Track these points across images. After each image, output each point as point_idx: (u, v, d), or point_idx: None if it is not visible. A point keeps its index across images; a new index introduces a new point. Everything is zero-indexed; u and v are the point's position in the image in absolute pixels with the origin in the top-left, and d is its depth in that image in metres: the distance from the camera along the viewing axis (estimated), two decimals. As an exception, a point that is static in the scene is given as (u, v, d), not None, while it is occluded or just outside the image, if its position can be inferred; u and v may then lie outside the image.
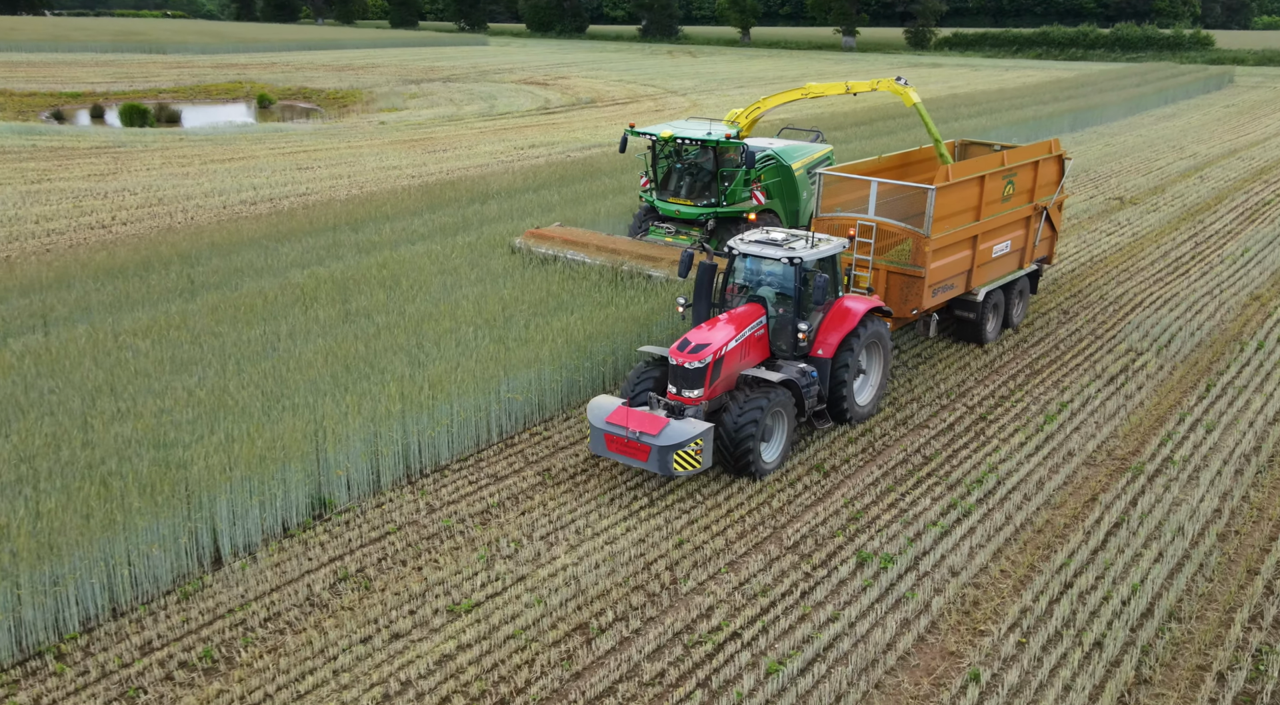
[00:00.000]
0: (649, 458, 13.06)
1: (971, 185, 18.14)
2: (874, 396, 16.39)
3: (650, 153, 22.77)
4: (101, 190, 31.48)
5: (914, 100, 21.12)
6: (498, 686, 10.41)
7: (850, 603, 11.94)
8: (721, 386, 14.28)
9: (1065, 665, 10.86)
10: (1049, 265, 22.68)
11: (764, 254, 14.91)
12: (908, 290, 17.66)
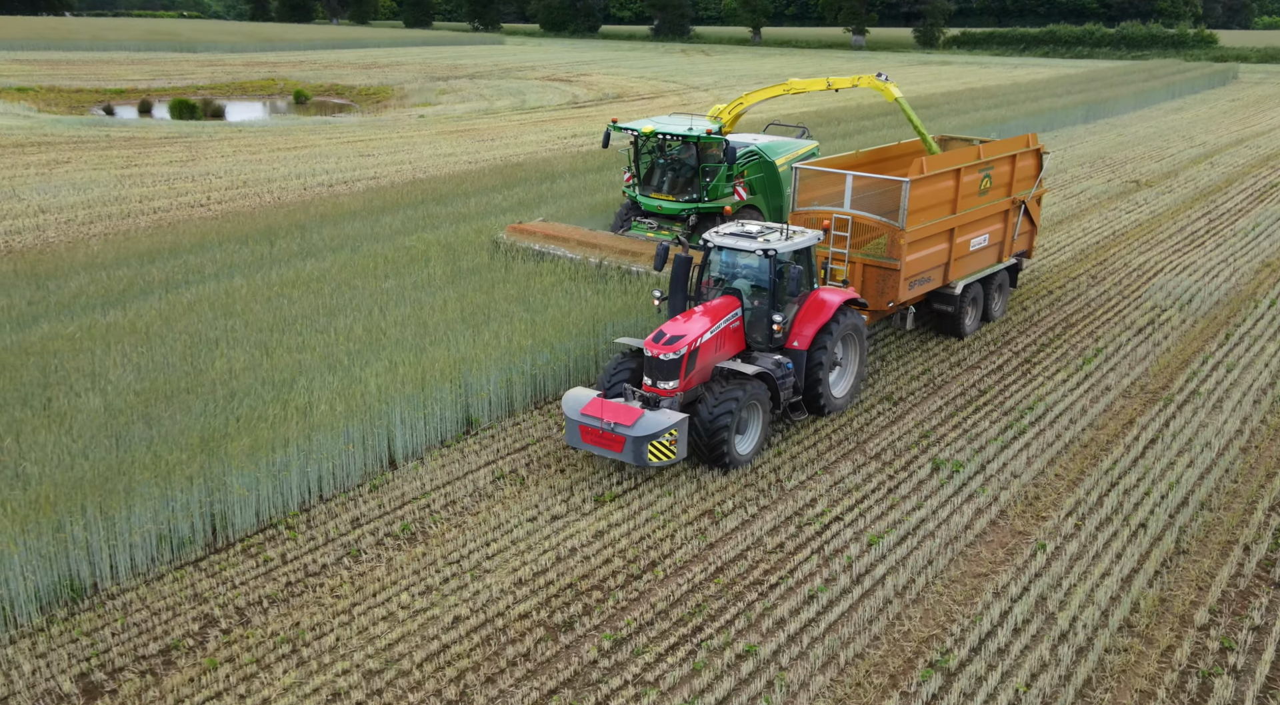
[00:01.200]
0: (623, 449, 13.12)
1: (947, 178, 18.09)
2: (850, 388, 16.42)
3: (633, 148, 22.70)
4: (188, 174, 33.73)
5: (895, 95, 21.24)
6: (647, 553, 12.60)
7: (930, 496, 14.13)
8: (697, 378, 14.28)
9: (1116, 540, 13.04)
10: (1029, 259, 22.67)
11: (738, 246, 14.89)
12: (884, 283, 17.61)
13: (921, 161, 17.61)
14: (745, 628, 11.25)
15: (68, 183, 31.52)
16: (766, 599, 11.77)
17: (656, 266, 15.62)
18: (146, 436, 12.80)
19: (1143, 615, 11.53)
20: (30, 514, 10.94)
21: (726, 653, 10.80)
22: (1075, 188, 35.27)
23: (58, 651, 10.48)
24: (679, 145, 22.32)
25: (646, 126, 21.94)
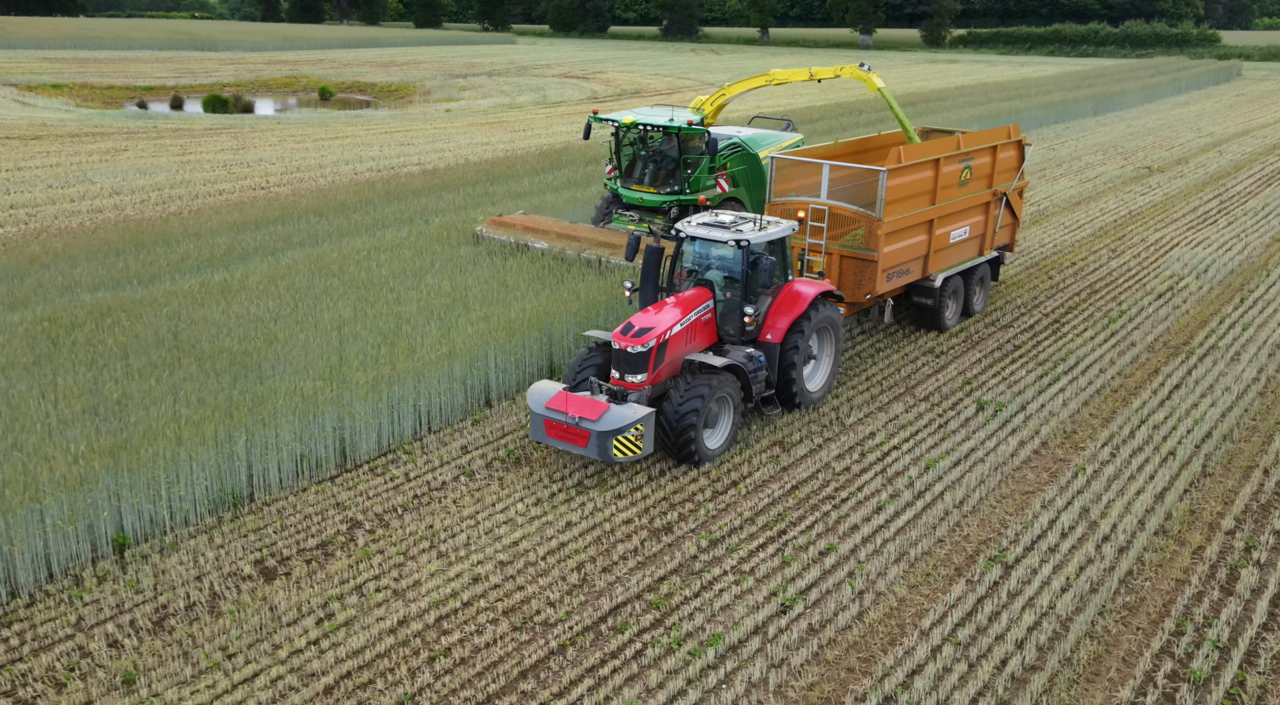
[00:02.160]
0: (588, 443, 12.75)
1: (925, 169, 17.83)
2: (825, 382, 16.09)
3: (614, 140, 22.41)
4: (242, 161, 35.26)
5: (878, 85, 21.07)
6: (728, 474, 14.07)
7: (977, 431, 15.61)
8: (666, 371, 13.90)
9: (1148, 465, 14.51)
10: (1011, 253, 22.29)
11: (711, 237, 14.49)
12: (861, 275, 17.29)
13: (899, 151, 17.30)
14: (824, 531, 12.73)
15: (132, 168, 33.06)
16: (840, 509, 13.25)
17: (628, 257, 15.16)
18: (278, 371, 14.28)
19: (1175, 523, 13.00)
20: (195, 434, 12.42)
21: (810, 549, 12.28)
22: (1090, 173, 36.74)
23: (233, 544, 11.98)
24: (661, 137, 21.90)
25: (627, 117, 21.74)
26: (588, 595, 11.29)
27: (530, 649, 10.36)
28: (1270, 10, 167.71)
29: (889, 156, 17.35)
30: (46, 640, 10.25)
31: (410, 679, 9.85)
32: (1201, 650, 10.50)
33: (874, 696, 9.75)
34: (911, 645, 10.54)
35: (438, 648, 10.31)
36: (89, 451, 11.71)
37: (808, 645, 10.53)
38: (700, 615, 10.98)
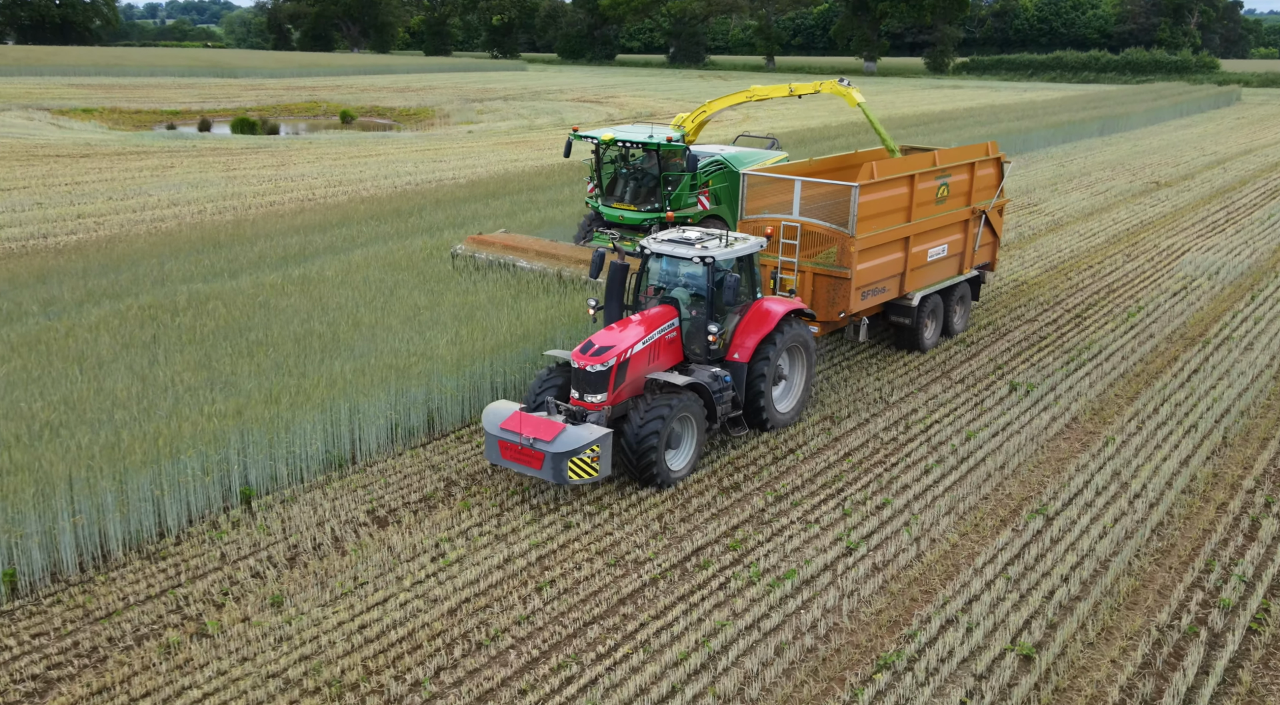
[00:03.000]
0: (542, 465, 12.28)
1: (900, 185, 17.50)
2: (797, 403, 15.62)
3: (595, 158, 22.26)
4: (285, 176, 36.68)
5: (858, 100, 21.10)
6: (785, 444, 15.27)
7: (1012, 407, 16.81)
8: (628, 391, 13.48)
9: (1172, 435, 15.71)
10: (992, 272, 21.75)
11: (676, 253, 14.06)
12: (834, 293, 16.84)
13: (871, 167, 16.95)
14: (878, 489, 13.92)
15: (183, 182, 34.47)
16: (891, 471, 14.45)
17: (592, 274, 14.72)
18: (369, 351, 15.52)
19: (1200, 483, 14.19)
20: (304, 401, 13.66)
21: (867, 504, 13.48)
22: (1100, 186, 38.12)
23: (344, 498, 13.19)
24: (642, 154, 21.85)
25: (606, 134, 21.55)
26: (670, 540, 12.47)
27: (625, 581, 11.52)
28: (1266, 40, 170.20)
29: (861, 172, 16.92)
30: (199, 571, 11.44)
31: (523, 604, 11.02)
32: (1229, 583, 11.66)
33: (937, 619, 10.91)
34: (967, 579, 11.70)
35: (543, 580, 11.48)
36: (215, 415, 12.92)
37: (873, 579, 11.70)
38: (774, 555, 12.16)
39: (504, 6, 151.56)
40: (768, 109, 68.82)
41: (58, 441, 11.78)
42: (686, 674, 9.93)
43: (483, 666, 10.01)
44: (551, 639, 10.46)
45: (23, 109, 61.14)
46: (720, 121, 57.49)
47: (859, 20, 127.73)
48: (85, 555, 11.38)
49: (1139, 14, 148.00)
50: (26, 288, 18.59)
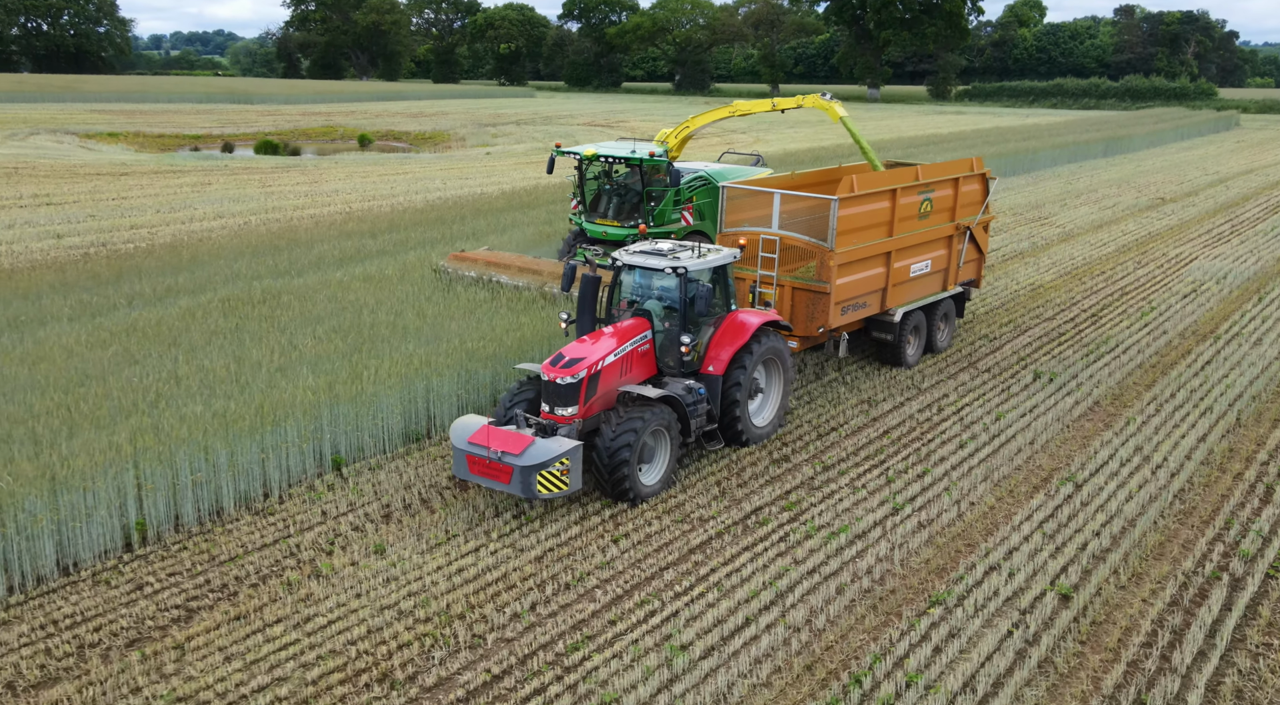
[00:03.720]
0: (510, 479, 11.96)
1: (881, 199, 17.22)
2: (774, 417, 15.36)
3: (578, 174, 22.19)
4: (320, 191, 37.96)
5: (840, 114, 21.09)
6: (827, 422, 16.35)
7: (1037, 392, 17.88)
8: (600, 404, 13.18)
9: (1189, 416, 16.77)
10: (977, 288, 21.39)
11: (648, 264, 13.86)
12: (814, 307, 16.51)
13: (851, 180, 16.68)
14: (917, 461, 14.99)
15: (224, 197, 35.72)
16: (928, 446, 15.52)
17: (563, 287, 14.70)
18: (438, 337, 16.63)
19: (1217, 456, 15.25)
20: (386, 378, 14.76)
21: (908, 473, 14.54)
22: (1108, 201, 39.35)
23: (425, 466, 14.26)
24: (625, 170, 21.85)
25: (589, 149, 21.53)
26: (730, 501, 13.53)
27: (693, 535, 12.57)
28: (1262, 70, 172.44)
29: (841, 185, 16.68)
30: (304, 524, 12.50)
31: (602, 552, 12.07)
32: (1248, 537, 12.70)
33: (981, 566, 11.95)
34: (1006, 534, 12.75)
35: (618, 533, 12.53)
36: (307, 389, 14.02)
37: (920, 534, 12.74)
38: (827, 514, 13.22)
39: (512, 35, 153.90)
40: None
41: (173, 410, 12.87)
42: (758, 608, 10.97)
43: (573, 602, 11.05)
44: (632, 580, 11.51)
45: (50, 133, 62.58)
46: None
47: (862, 48, 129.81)
48: (202, 510, 12.44)
49: (1136, 44, 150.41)
50: (108, 285, 19.78)
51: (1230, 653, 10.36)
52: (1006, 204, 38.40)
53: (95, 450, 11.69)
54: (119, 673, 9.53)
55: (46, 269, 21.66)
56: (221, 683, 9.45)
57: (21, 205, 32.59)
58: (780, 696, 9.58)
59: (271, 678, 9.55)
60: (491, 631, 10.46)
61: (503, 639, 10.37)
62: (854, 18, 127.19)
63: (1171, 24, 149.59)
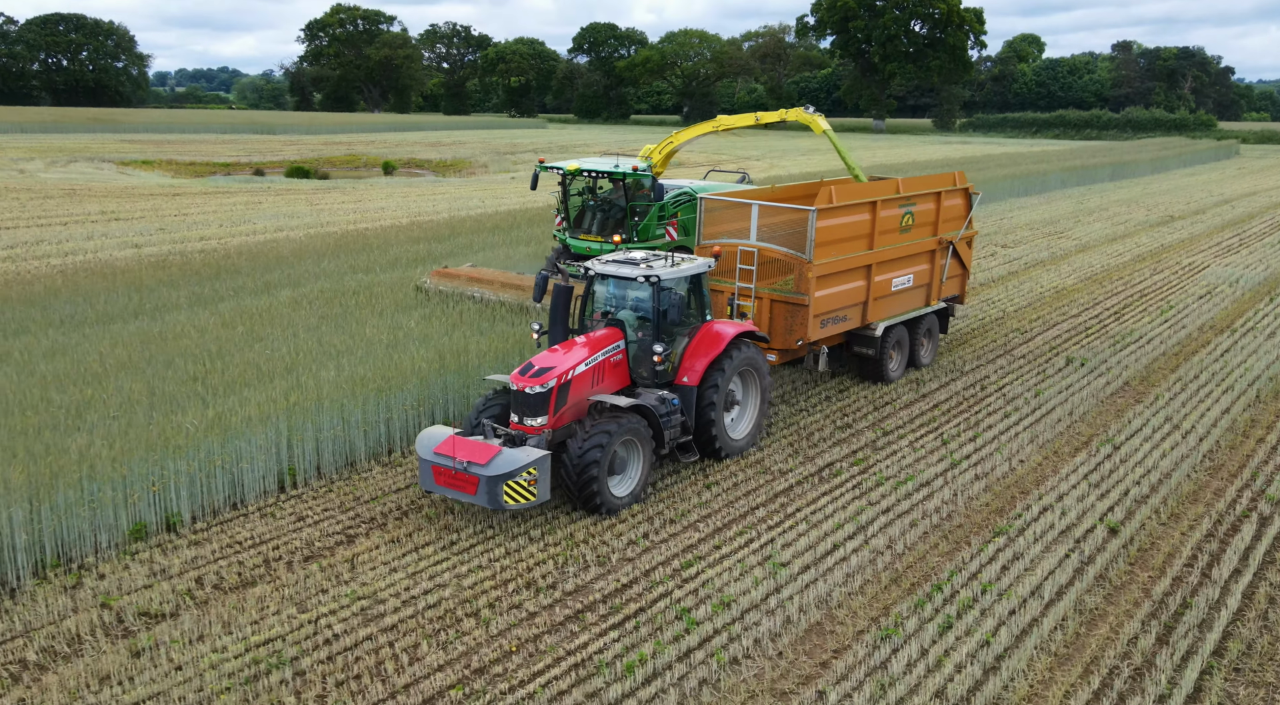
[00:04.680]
0: (477, 490, 11.71)
1: (861, 211, 17.05)
2: (751, 429, 15.03)
3: (561, 190, 22.02)
4: (365, 208, 39.72)
5: (823, 127, 21.22)
6: (843, 417, 17.86)
7: (1070, 375, 19.37)
8: (570, 414, 12.88)
9: (1213, 393, 18.28)
10: (961, 305, 21.13)
11: (621, 274, 13.63)
12: (792, 319, 16.29)
13: (830, 191, 16.70)
14: (967, 427, 16.48)
15: (278, 213, 37.46)
16: (975, 415, 17.02)
17: (535, 298, 14.55)
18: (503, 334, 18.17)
19: (1240, 424, 16.74)
20: (489, 356, 16.32)
21: (960, 436, 16.04)
22: (1120, 218, 41.07)
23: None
24: (609, 186, 21.80)
25: (572, 164, 21.47)
26: (804, 458, 15.02)
27: (775, 484, 14.06)
28: (1258, 106, 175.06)
29: (819, 196, 16.61)
30: (381, 493, 13.96)
31: (697, 495, 13.56)
32: (1273, 485, 14.20)
33: (1035, 507, 13.42)
34: (1055, 484, 14.22)
35: (708, 481, 14.02)
36: (419, 361, 15.56)
37: (978, 484, 14.21)
38: (893, 467, 14.72)
39: (523, 69, 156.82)
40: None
41: (310, 374, 14.40)
42: (842, 538, 12.45)
43: (679, 533, 12.52)
44: (728, 516, 13.00)
45: (88, 161, 64.51)
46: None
47: (867, 81, 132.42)
48: (339, 460, 13.94)
49: (1134, 78, 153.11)
50: (209, 281, 21.46)
51: (1263, 569, 11.83)
52: (1023, 220, 40.12)
53: (253, 405, 13.21)
54: (304, 578, 11.02)
55: (145, 268, 23.27)
56: (392, 587, 10.92)
57: (93, 220, 34.32)
58: (874, 600, 11.04)
59: (434, 583, 11.02)
60: (614, 553, 11.93)
61: (625, 558, 11.84)
62: (859, 51, 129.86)
63: (1169, 59, 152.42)
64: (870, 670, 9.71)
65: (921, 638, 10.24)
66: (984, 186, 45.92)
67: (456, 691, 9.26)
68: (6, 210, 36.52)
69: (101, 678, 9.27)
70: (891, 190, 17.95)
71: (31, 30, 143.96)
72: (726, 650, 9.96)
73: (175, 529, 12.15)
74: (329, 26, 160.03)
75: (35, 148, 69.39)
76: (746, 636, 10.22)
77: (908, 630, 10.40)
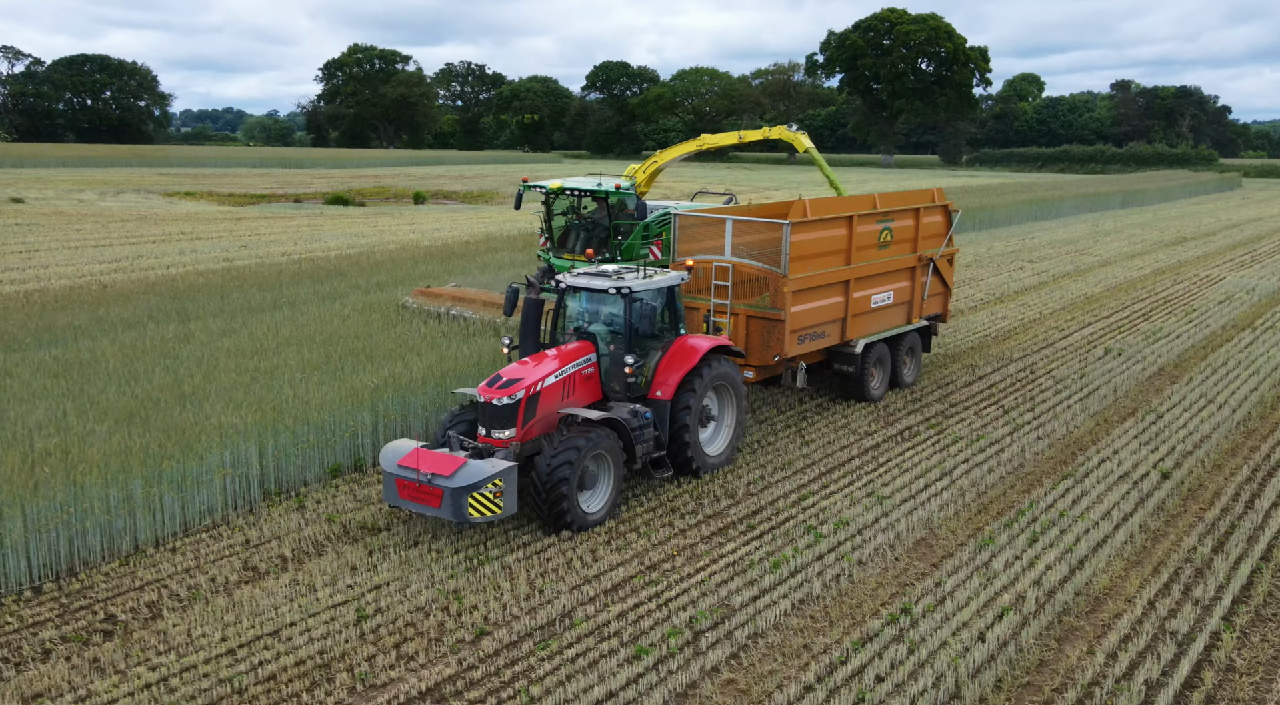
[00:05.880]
0: (441, 503, 11.34)
1: (837, 226, 16.85)
2: (727, 446, 14.69)
3: (545, 209, 21.86)
4: (423, 229, 41.98)
5: (806, 145, 21.33)
6: (884, 429, 19.87)
7: (1111, 364, 21.35)
8: (540, 428, 12.64)
9: (1240, 376, 20.26)
10: (944, 322, 20.92)
11: (592, 286, 13.44)
12: (769, 335, 15.98)
13: (804, 204, 16.44)
14: (1024, 400, 18.48)
15: (342, 233, 39.68)
16: (1030, 392, 19.01)
17: (506, 311, 14.21)
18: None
19: (1268, 399, 18.70)
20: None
21: (1019, 407, 18.01)
22: (1136, 237, 43.27)
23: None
24: (593, 205, 21.65)
25: (554, 182, 21.38)
26: (884, 423, 17.01)
27: (863, 442, 16.04)
28: (1255, 144, 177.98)
29: (794, 210, 16.36)
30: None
31: (797, 449, 15.54)
32: (1299, 446, 16.19)
33: (1095, 459, 15.37)
34: (1110, 441, 16.16)
35: (803, 440, 16.00)
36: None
37: (1041, 441, 16.17)
38: (964, 429, 16.72)
39: (537, 106, 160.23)
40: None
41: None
42: (931, 479, 14.41)
43: (788, 476, 14.48)
44: (828, 465, 14.98)
45: (134, 192, 66.90)
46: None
47: (876, 117, 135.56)
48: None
49: (1133, 117, 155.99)
50: (323, 282, 23.61)
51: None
52: (1045, 239, 42.34)
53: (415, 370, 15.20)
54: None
55: (252, 275, 25.41)
56: (561, 509, 12.86)
57: (175, 239, 36.55)
58: (968, 523, 12.99)
59: (595, 508, 12.97)
60: (739, 490, 13.91)
61: (749, 493, 13.81)
62: (868, 88, 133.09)
63: (1167, 98, 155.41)
64: (975, 569, 11.63)
65: (1014, 547, 12.18)
66: (1003, 210, 48.30)
67: (638, 580, 11.22)
68: (93, 232, 38.79)
69: (351, 567, 11.24)
70: (869, 205, 17.75)
71: (58, 70, 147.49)
72: (853, 555, 11.90)
73: (362, 469, 14.13)
74: (346, 65, 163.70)
75: (81, 181, 71.91)
76: (866, 546, 12.16)
77: (1000, 543, 12.33)
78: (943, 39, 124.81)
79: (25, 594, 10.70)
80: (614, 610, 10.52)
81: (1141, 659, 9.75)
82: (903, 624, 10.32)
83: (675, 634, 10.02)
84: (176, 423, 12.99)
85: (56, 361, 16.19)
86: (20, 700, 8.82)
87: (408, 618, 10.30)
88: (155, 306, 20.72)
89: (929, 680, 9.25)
